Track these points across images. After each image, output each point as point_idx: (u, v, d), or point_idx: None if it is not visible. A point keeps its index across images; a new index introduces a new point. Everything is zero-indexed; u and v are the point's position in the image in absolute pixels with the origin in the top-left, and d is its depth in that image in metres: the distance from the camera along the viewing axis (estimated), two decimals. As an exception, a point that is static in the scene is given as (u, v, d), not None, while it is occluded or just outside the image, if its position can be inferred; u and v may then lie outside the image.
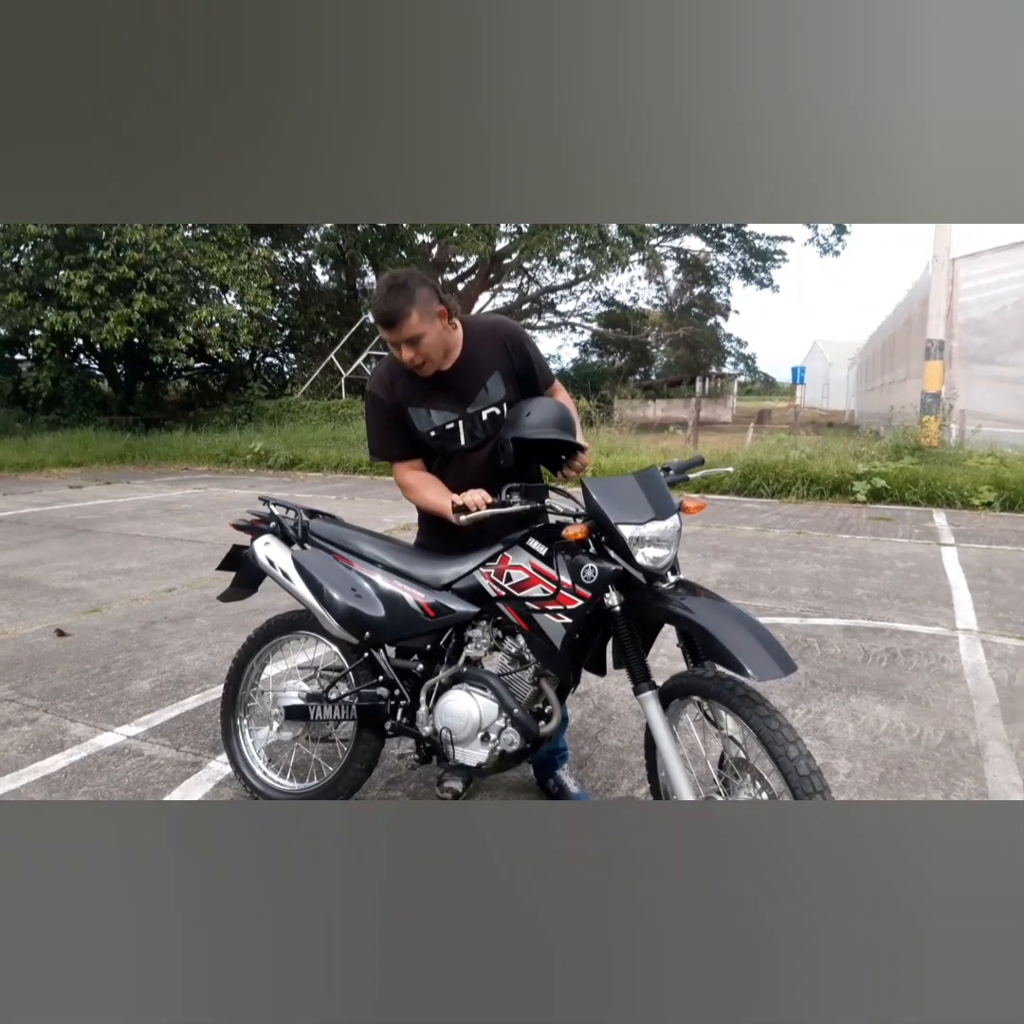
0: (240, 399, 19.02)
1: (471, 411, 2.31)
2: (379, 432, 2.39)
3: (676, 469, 2.22)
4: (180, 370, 20.69)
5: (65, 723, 3.22)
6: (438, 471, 2.37)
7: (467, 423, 2.31)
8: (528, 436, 2.17)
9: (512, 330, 2.41)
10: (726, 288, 32.76)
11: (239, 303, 17.55)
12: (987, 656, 3.96)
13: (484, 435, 2.33)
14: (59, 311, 15.21)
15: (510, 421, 2.25)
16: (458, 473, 2.33)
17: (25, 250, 16.00)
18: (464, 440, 2.32)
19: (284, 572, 2.38)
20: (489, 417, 2.32)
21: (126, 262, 15.05)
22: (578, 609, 1.99)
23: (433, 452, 2.36)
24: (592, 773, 2.80)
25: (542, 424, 2.18)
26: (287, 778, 2.61)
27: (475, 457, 2.34)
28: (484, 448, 2.34)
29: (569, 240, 21.63)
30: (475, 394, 2.31)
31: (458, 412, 2.31)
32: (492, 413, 2.32)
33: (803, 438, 12.28)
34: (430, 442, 2.33)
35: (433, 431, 2.31)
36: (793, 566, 6.00)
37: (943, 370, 11.62)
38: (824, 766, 2.81)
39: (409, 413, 2.31)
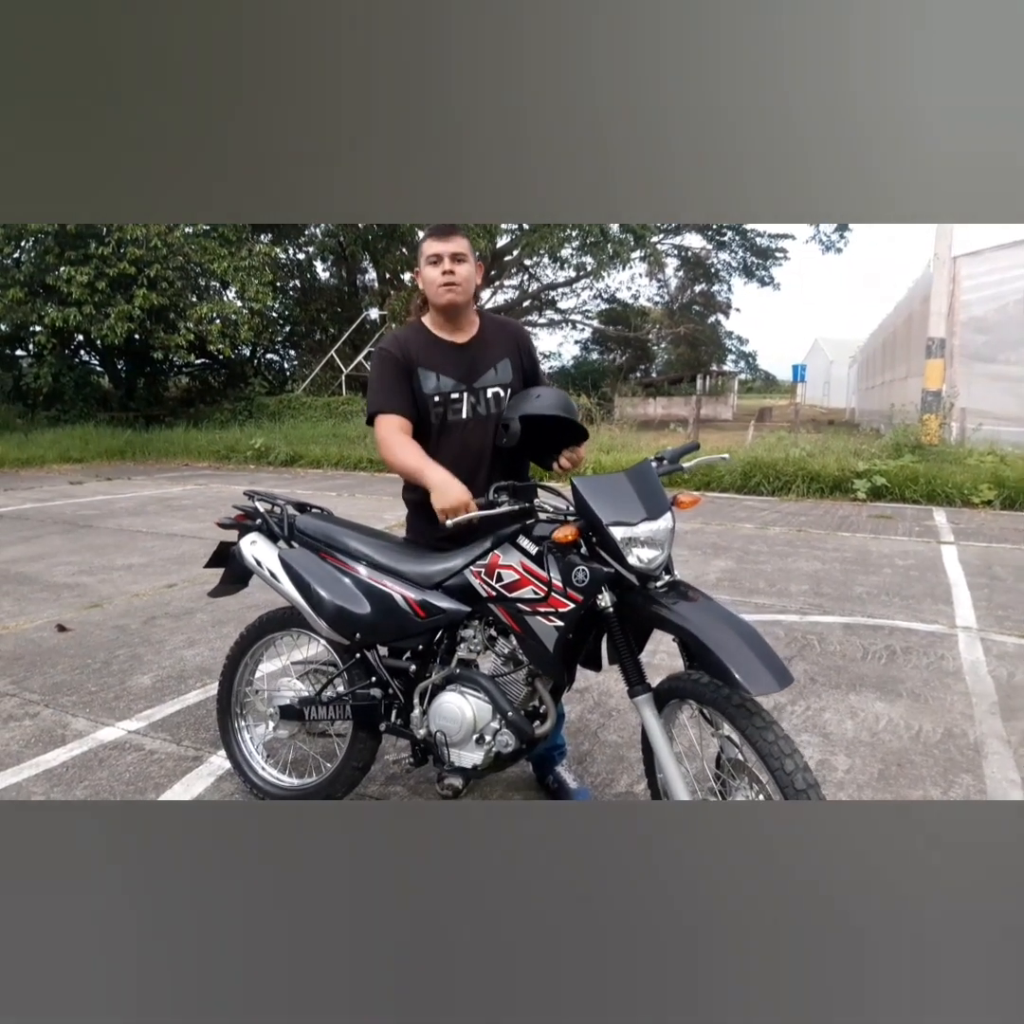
0: (241, 395, 19.01)
1: (477, 386, 2.37)
2: (382, 386, 2.35)
3: (670, 458, 2.18)
4: (181, 366, 20.67)
5: (66, 718, 3.23)
6: (435, 443, 2.34)
7: (471, 396, 2.36)
8: (538, 412, 2.23)
9: (524, 331, 2.58)
10: (727, 286, 32.80)
11: (240, 299, 17.53)
12: (986, 654, 3.97)
13: (486, 412, 2.37)
14: (60, 307, 15.21)
15: (516, 402, 2.32)
16: (453, 446, 2.34)
17: (26, 246, 15.99)
18: (466, 412, 2.36)
19: (271, 572, 2.36)
20: (493, 396, 2.38)
21: (127, 258, 15.05)
22: (570, 612, 1.96)
23: (428, 421, 2.35)
24: (592, 769, 2.80)
25: (551, 406, 2.25)
26: (286, 774, 2.62)
27: (474, 433, 2.36)
28: (483, 426, 2.36)
29: (570, 237, 21.61)
30: (484, 371, 2.38)
31: (465, 384, 2.36)
32: (496, 393, 2.38)
33: (804, 436, 12.27)
34: (432, 407, 2.34)
35: (438, 396, 2.34)
36: (793, 564, 6.01)
37: (944, 368, 11.62)
38: (823, 762, 2.82)
39: (418, 372, 2.34)
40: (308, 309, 23.52)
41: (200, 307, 16.35)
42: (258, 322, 17.99)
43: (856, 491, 9.22)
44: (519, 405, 2.29)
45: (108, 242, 15.08)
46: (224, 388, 20.37)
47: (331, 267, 25.12)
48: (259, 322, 18.21)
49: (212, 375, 21.24)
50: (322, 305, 24.07)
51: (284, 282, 22.50)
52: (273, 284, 18.15)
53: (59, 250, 15.30)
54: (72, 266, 15.03)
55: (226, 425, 16.75)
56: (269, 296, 17.46)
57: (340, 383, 20.06)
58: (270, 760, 2.65)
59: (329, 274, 25.46)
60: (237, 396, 19.10)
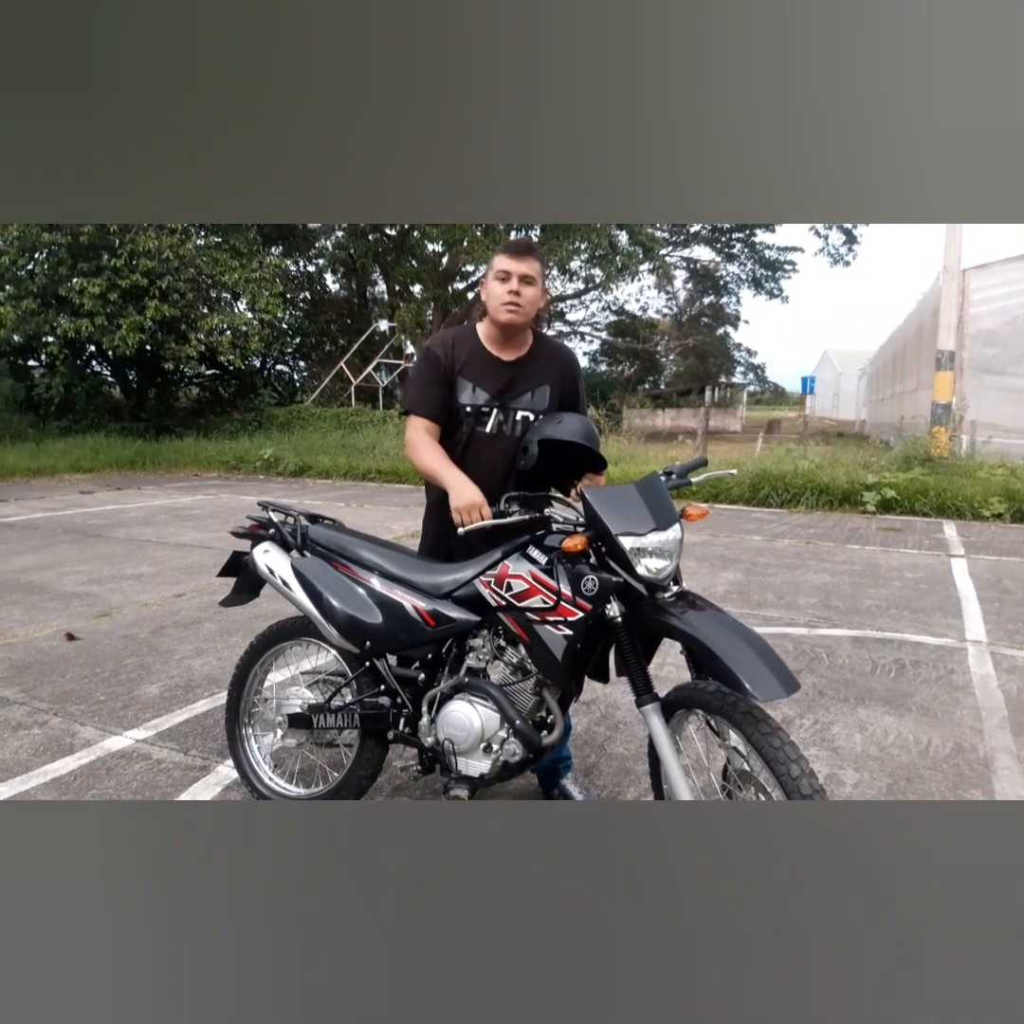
0: (250, 406, 19.12)
1: (510, 405, 2.38)
2: (422, 385, 2.39)
3: (678, 473, 2.21)
4: (191, 377, 20.80)
5: (74, 726, 3.24)
6: (461, 452, 2.38)
7: (501, 413, 2.38)
8: (557, 437, 2.22)
9: (575, 360, 2.58)
10: (736, 298, 32.85)
11: (250, 311, 17.65)
12: (996, 668, 3.94)
13: (511, 432, 2.38)
14: (72, 318, 15.33)
15: (539, 425, 2.32)
16: (476, 458, 2.37)
17: (39, 258, 16.13)
18: (491, 427, 2.38)
19: (284, 580, 2.38)
20: (523, 419, 2.39)
21: (139, 270, 15.18)
22: (579, 621, 1.98)
23: (458, 429, 2.38)
24: (598, 781, 2.79)
25: (572, 433, 2.24)
26: (293, 783, 2.62)
27: (496, 449, 2.38)
28: (506, 444, 2.37)
29: (579, 250, 21.66)
30: (521, 393, 2.40)
31: (498, 400, 2.37)
32: (526, 417, 2.40)
33: (812, 448, 12.25)
34: (463, 416, 2.37)
35: (470, 407, 2.37)
36: (802, 576, 5.99)
37: (954, 381, 11.59)
38: (831, 776, 2.80)
39: (457, 380, 2.37)
40: (318, 320, 23.68)
41: (211, 318, 16.47)
42: (268, 333, 18.12)
43: (865, 503, 9.19)
44: (540, 428, 2.29)
45: (120, 254, 15.21)
46: (234, 399, 20.48)
47: (341, 279, 25.30)
48: (269, 333, 18.33)
49: (222, 386, 21.36)
50: (332, 317, 24.23)
51: (294, 294, 22.67)
52: (283, 296, 18.29)
53: (72, 262, 15.44)
54: (85, 277, 15.17)
55: (236, 435, 16.84)
56: (279, 307, 17.59)
57: (349, 394, 20.14)
58: (277, 770, 2.65)
59: (339, 286, 25.64)
60: (247, 407, 19.20)
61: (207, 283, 16.99)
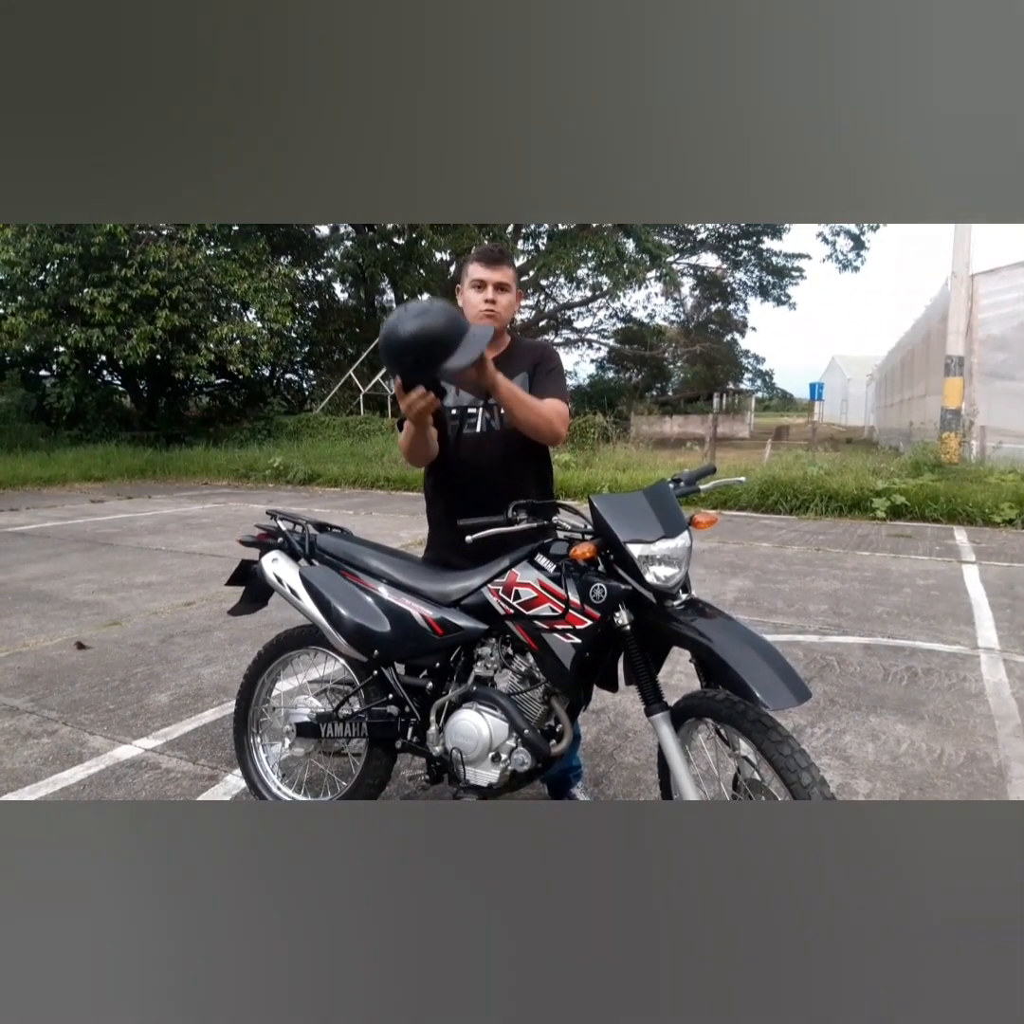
0: (260, 415, 19.21)
1: (493, 402, 2.37)
2: None
3: (687, 480, 2.20)
4: (201, 386, 20.94)
5: (84, 735, 3.25)
6: (452, 456, 2.39)
7: (487, 411, 2.39)
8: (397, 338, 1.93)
9: (553, 351, 2.55)
10: (743, 305, 32.75)
11: (259, 320, 17.76)
12: (1009, 675, 3.91)
13: (499, 427, 2.38)
14: (83, 328, 15.46)
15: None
16: (469, 460, 2.38)
17: (51, 268, 16.27)
18: (480, 426, 2.39)
19: (292, 589, 2.38)
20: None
21: (149, 280, 15.30)
22: (587, 629, 1.97)
23: (445, 434, 2.38)
24: (608, 791, 2.78)
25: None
26: (301, 793, 2.62)
27: (488, 447, 2.38)
28: (497, 440, 2.38)
29: (586, 257, 21.70)
30: None
31: (482, 399, 2.38)
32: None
33: (821, 454, 12.23)
34: (449, 420, 2.38)
35: (455, 409, 2.38)
36: (812, 583, 5.96)
37: (963, 386, 11.55)
38: (843, 786, 2.78)
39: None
40: (327, 330, 23.76)
41: (221, 328, 16.57)
42: (277, 342, 18.21)
43: (875, 510, 9.15)
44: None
45: (131, 264, 15.33)
46: (243, 407, 20.59)
47: (349, 288, 25.39)
48: (278, 342, 18.43)
49: (232, 395, 21.48)
50: (340, 325, 24.31)
51: (303, 303, 22.76)
52: (292, 305, 18.37)
53: (83, 272, 15.57)
54: (95, 288, 15.30)
55: (245, 444, 16.92)
56: (288, 317, 17.66)
57: (358, 402, 20.19)
58: (285, 779, 2.65)
59: (347, 295, 25.73)
60: (256, 415, 19.29)
61: (217, 293, 17.10)
